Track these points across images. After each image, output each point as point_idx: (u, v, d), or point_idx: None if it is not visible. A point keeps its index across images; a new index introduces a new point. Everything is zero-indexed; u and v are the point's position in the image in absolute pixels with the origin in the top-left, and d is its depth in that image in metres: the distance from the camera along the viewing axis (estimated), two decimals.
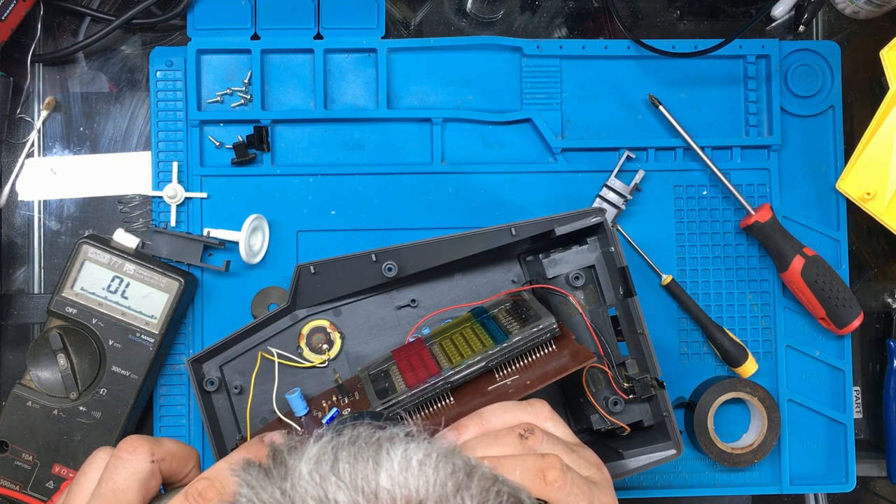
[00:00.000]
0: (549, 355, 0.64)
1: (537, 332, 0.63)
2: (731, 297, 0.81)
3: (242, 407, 0.73)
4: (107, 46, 0.80)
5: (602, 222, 0.69)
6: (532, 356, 0.64)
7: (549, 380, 0.61)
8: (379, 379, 0.66)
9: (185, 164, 0.78)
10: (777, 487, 0.80)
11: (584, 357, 0.62)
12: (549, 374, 0.62)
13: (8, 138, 0.79)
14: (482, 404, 0.55)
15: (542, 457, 0.51)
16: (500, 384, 0.63)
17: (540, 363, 0.64)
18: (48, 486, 0.71)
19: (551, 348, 0.64)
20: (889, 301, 0.83)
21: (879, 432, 0.83)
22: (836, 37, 0.84)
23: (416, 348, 0.68)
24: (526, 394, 0.61)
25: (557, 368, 0.62)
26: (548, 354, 0.64)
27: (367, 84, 0.80)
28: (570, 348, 0.64)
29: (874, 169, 0.75)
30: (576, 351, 0.63)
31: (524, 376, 0.63)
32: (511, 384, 0.62)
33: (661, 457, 0.67)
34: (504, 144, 0.80)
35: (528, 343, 0.63)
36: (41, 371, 0.72)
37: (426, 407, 0.64)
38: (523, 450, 0.52)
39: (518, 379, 0.63)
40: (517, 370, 0.64)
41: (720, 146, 0.81)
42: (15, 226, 0.79)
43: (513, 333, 0.64)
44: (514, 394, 0.61)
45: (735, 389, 0.78)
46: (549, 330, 0.63)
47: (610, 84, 0.81)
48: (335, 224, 0.78)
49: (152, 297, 0.72)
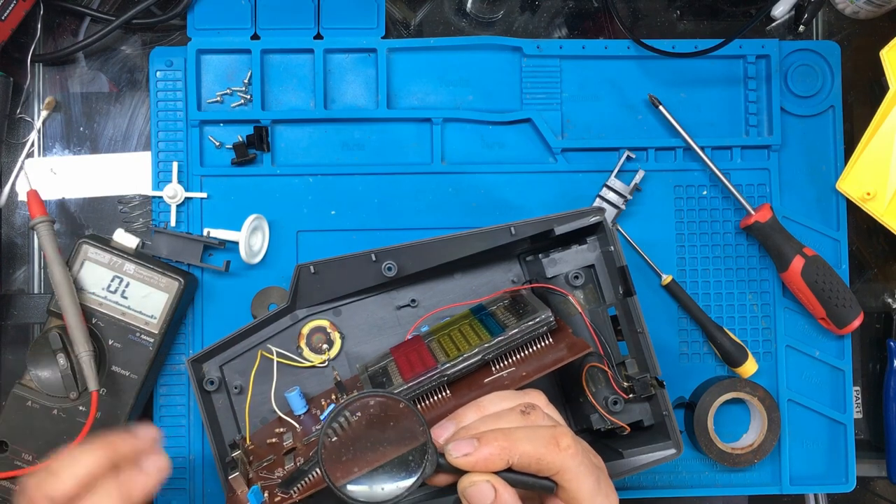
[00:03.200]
0: (545, 348, 0.64)
1: (534, 325, 0.63)
2: (731, 297, 0.81)
3: (242, 407, 0.73)
4: (107, 46, 0.80)
5: (601, 222, 0.69)
6: (529, 349, 0.64)
7: (546, 370, 0.61)
8: (377, 375, 0.66)
9: (185, 164, 0.78)
10: (777, 487, 0.80)
11: (580, 348, 0.62)
12: (546, 364, 0.62)
13: (8, 138, 0.79)
14: (479, 396, 0.55)
15: (553, 426, 0.51)
16: (496, 376, 0.63)
17: (537, 356, 0.64)
18: None
19: (548, 341, 0.64)
20: (889, 301, 0.83)
21: (879, 432, 0.83)
22: (836, 37, 0.84)
23: (415, 345, 0.68)
24: (522, 384, 0.61)
25: (554, 360, 0.62)
26: (545, 347, 0.64)
27: (367, 84, 0.80)
28: (567, 341, 0.64)
29: (874, 169, 0.75)
30: (572, 343, 0.63)
31: (520, 368, 0.63)
32: (507, 376, 0.62)
33: (661, 456, 0.67)
34: (504, 144, 0.80)
35: (525, 336, 0.63)
36: (41, 371, 0.72)
37: (423, 400, 0.64)
38: (527, 424, 0.52)
39: (514, 371, 0.63)
40: (513, 363, 0.64)
41: (720, 146, 0.81)
42: (15, 226, 0.79)
43: (510, 327, 0.64)
44: (509, 384, 0.61)
45: (735, 389, 0.78)
46: (546, 323, 0.63)
47: (610, 84, 0.81)
48: (335, 224, 0.78)
49: (152, 297, 0.72)
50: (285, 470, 0.64)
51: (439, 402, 0.64)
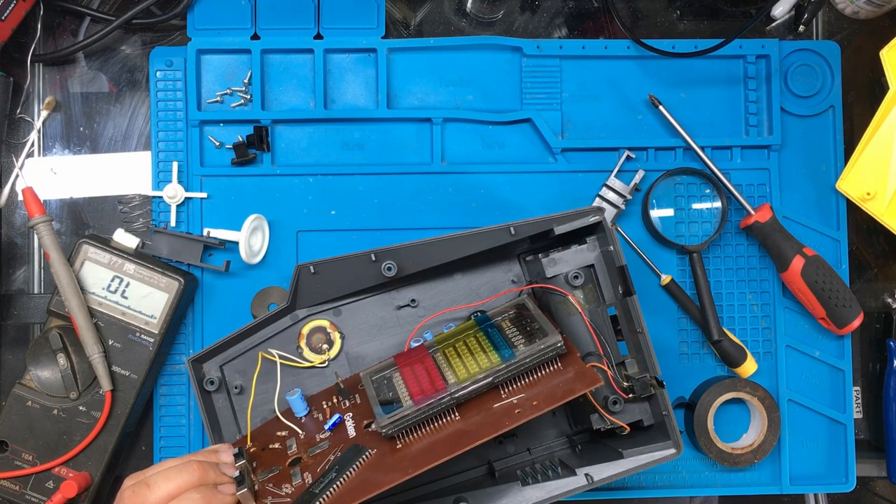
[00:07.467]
0: (554, 372, 0.64)
1: (543, 350, 0.63)
2: (731, 297, 0.81)
3: (242, 407, 0.73)
4: (107, 46, 0.80)
5: (601, 221, 0.69)
6: (537, 373, 0.64)
7: (557, 402, 0.61)
8: (382, 387, 0.66)
9: (185, 164, 0.78)
10: (777, 487, 0.80)
11: (591, 380, 0.61)
12: (557, 396, 0.61)
13: (8, 138, 0.79)
14: (488, 421, 0.55)
15: None
16: (507, 402, 0.63)
17: (545, 380, 0.64)
18: (48, 486, 0.71)
19: (556, 366, 0.64)
20: (889, 301, 0.83)
21: (879, 432, 0.83)
22: (836, 37, 0.84)
23: (419, 355, 0.68)
24: (534, 415, 0.60)
25: (565, 391, 0.62)
26: (553, 372, 0.64)
27: (367, 84, 0.80)
28: (576, 367, 0.64)
29: (874, 169, 0.75)
30: (582, 372, 0.63)
31: (530, 393, 0.63)
32: (517, 403, 0.62)
33: (661, 456, 0.67)
34: (504, 144, 0.80)
35: (534, 361, 0.64)
36: (41, 371, 0.72)
37: (431, 422, 0.64)
38: None
39: (524, 398, 0.63)
40: (522, 387, 0.64)
41: (720, 146, 0.81)
42: (15, 226, 0.79)
43: (518, 349, 0.64)
44: (520, 414, 0.61)
45: (735, 389, 0.78)
46: (555, 348, 0.63)
47: (610, 84, 0.81)
48: (335, 224, 0.78)
49: (152, 296, 0.72)
50: (293, 486, 0.63)
51: (447, 424, 0.63)
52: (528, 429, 0.74)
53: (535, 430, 0.74)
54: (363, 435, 0.66)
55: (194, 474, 0.60)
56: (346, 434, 0.67)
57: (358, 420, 0.68)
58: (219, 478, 0.62)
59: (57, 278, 0.70)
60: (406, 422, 0.63)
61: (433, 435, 0.63)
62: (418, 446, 0.62)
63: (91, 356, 0.70)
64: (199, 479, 0.60)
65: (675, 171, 0.80)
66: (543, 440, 0.74)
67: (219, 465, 0.63)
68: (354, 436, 0.67)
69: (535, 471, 0.70)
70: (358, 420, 0.68)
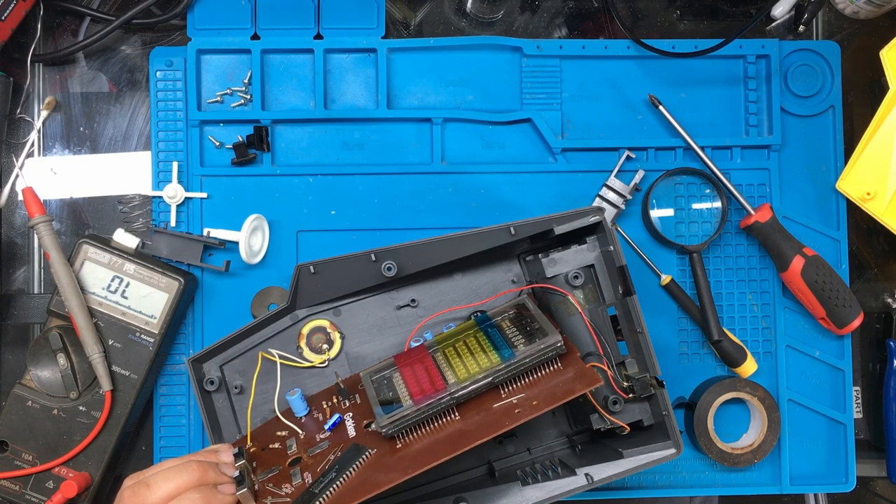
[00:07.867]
0: (554, 372, 0.64)
1: (543, 350, 0.63)
2: (731, 297, 0.81)
3: (242, 407, 0.73)
4: (107, 46, 0.80)
5: (601, 221, 0.69)
6: (537, 373, 0.64)
7: (557, 402, 0.61)
8: (382, 387, 0.66)
9: (185, 164, 0.78)
10: (777, 487, 0.80)
11: (591, 380, 0.62)
12: (557, 396, 0.61)
13: (8, 138, 0.79)
14: (488, 421, 0.55)
15: None
16: (506, 402, 0.63)
17: (545, 380, 0.64)
18: (48, 485, 0.71)
19: (556, 366, 0.64)
20: (889, 301, 0.83)
21: (879, 432, 0.83)
22: (836, 37, 0.84)
23: (419, 355, 0.68)
24: (533, 415, 0.60)
25: (565, 391, 0.62)
26: (553, 372, 0.64)
27: (367, 84, 0.80)
28: (576, 367, 0.64)
29: (874, 169, 0.75)
30: (582, 372, 0.63)
31: (530, 393, 0.63)
32: (517, 403, 0.62)
33: (661, 456, 0.67)
34: (504, 144, 0.80)
35: (534, 361, 0.64)
36: (41, 371, 0.72)
37: (431, 422, 0.64)
38: None
39: (524, 398, 0.63)
40: (522, 387, 0.64)
41: (720, 146, 0.81)
42: (15, 226, 0.79)
43: (518, 349, 0.64)
44: (520, 413, 0.61)
45: (735, 389, 0.78)
46: (555, 348, 0.63)
47: (610, 84, 0.81)
48: (335, 224, 0.78)
49: (152, 296, 0.72)
50: (293, 486, 0.63)
51: (447, 424, 0.63)
52: (528, 429, 0.74)
53: (535, 430, 0.74)
54: (363, 435, 0.66)
55: (194, 474, 0.60)
56: (346, 434, 0.67)
57: (358, 420, 0.68)
58: (219, 478, 0.62)
59: (57, 278, 0.70)
60: (406, 422, 0.63)
61: (433, 435, 0.63)
62: (418, 446, 0.62)
63: (91, 356, 0.70)
64: (199, 479, 0.60)
65: (675, 171, 0.80)
66: (543, 440, 0.75)
67: (219, 465, 0.63)
68: (354, 436, 0.67)
69: (535, 471, 0.70)
70: (358, 420, 0.68)
